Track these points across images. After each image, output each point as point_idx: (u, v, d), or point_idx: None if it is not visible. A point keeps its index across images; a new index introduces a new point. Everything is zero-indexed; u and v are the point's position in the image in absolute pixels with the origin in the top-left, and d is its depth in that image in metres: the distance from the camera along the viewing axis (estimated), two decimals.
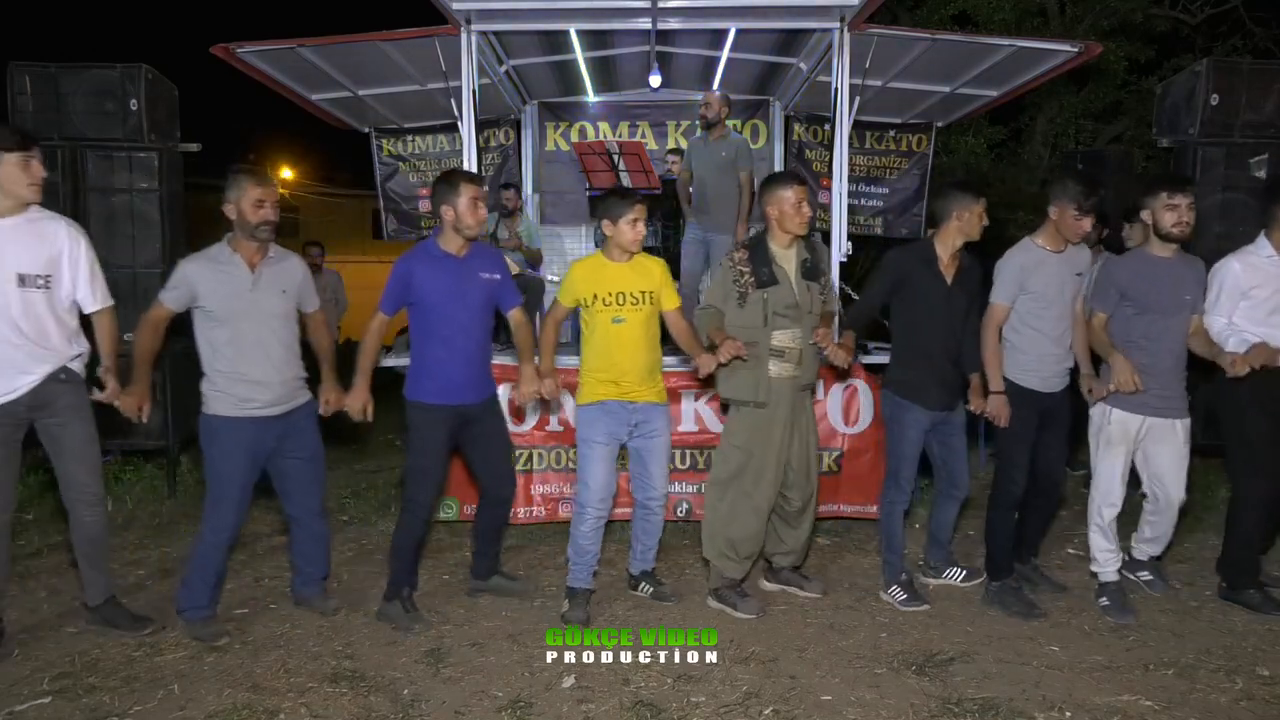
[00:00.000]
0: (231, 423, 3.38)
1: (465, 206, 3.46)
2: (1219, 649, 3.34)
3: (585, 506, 3.63)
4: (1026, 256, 3.66)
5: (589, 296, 3.59)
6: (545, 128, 7.86)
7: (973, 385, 3.72)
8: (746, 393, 3.60)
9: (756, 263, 3.57)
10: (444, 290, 3.49)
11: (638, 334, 3.61)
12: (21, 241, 3.17)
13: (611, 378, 3.60)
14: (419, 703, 2.95)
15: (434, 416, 3.54)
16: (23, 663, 3.25)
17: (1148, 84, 10.65)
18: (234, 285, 3.36)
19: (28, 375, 3.19)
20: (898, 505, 3.80)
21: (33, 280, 3.18)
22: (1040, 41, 5.71)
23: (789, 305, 3.56)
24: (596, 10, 5.19)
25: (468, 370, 3.57)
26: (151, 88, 5.43)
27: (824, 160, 7.32)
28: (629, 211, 3.55)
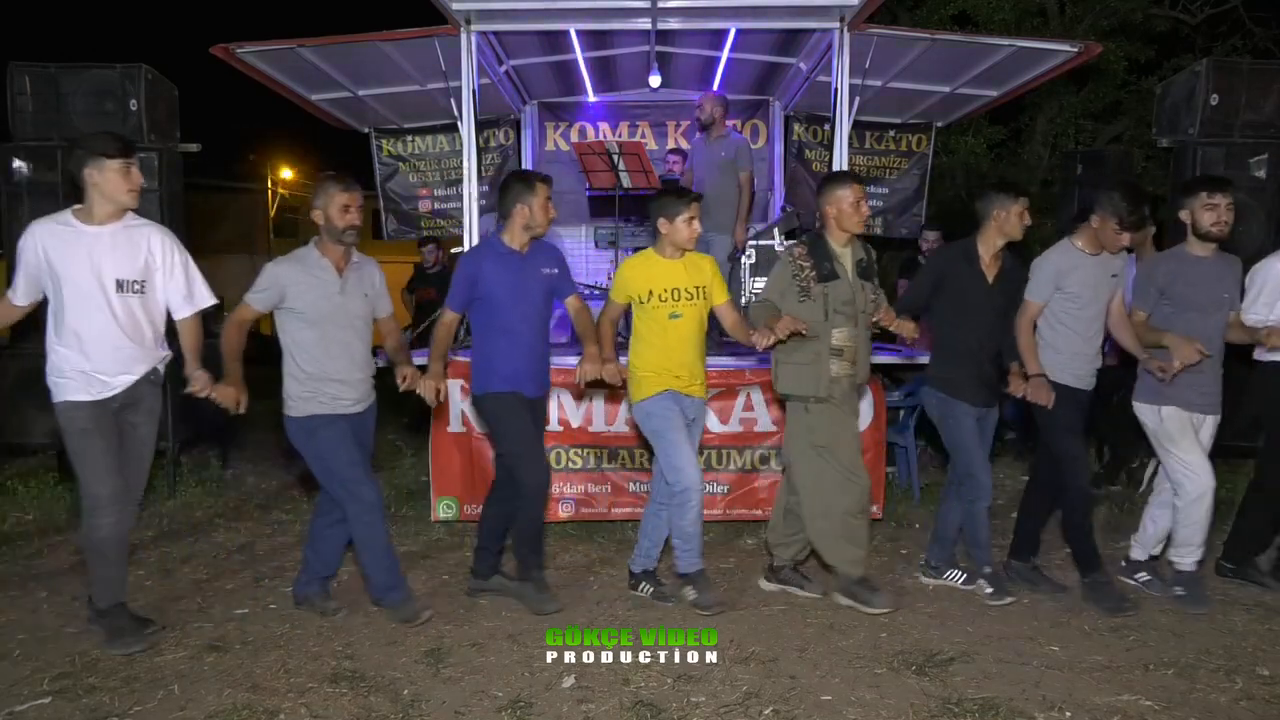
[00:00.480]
0: (326, 419, 3.47)
1: (539, 206, 3.59)
2: (1219, 649, 3.34)
3: (689, 491, 3.61)
4: (1063, 258, 3.72)
5: (644, 293, 3.65)
6: (545, 128, 7.86)
7: (1012, 372, 3.77)
8: (808, 388, 3.62)
9: (817, 258, 3.61)
10: (509, 286, 3.60)
11: (693, 329, 3.69)
12: (120, 249, 3.25)
13: (671, 371, 3.67)
14: (419, 703, 2.95)
15: (509, 402, 3.64)
16: (23, 663, 3.24)
17: (1148, 84, 10.65)
18: (323, 288, 3.45)
19: (127, 375, 3.29)
20: (979, 502, 3.77)
21: (129, 285, 3.26)
22: (1040, 41, 5.71)
23: (846, 302, 3.60)
24: (596, 10, 5.19)
25: (531, 363, 3.68)
26: (151, 88, 5.43)
27: (824, 160, 7.32)
28: (685, 210, 3.62)
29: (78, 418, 3.22)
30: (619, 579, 4.09)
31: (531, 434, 3.70)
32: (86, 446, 3.23)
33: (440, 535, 4.75)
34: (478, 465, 4.74)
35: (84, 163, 3.18)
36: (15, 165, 5.36)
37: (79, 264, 3.19)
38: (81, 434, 3.23)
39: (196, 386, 3.37)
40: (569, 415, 4.80)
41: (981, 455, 3.77)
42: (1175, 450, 3.73)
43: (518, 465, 3.66)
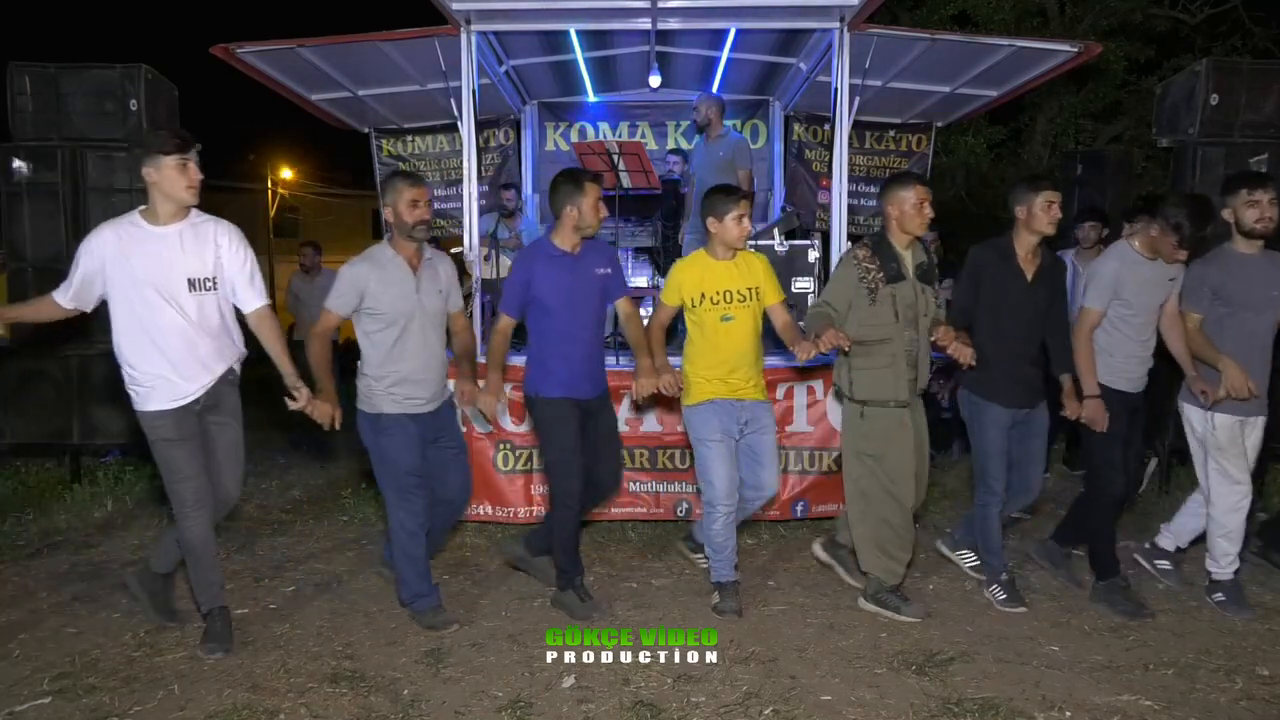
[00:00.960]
0: (396, 419, 3.46)
1: (589, 207, 3.55)
2: (1219, 649, 3.34)
3: (715, 505, 3.62)
4: (1121, 263, 3.65)
5: (696, 296, 3.61)
6: (545, 128, 7.86)
7: (1066, 389, 3.67)
8: (887, 392, 3.55)
9: (883, 259, 3.54)
10: (562, 288, 3.58)
11: (746, 331, 3.64)
12: (188, 247, 3.20)
13: (720, 376, 3.62)
14: (419, 703, 2.95)
15: (560, 410, 3.61)
16: (23, 663, 3.24)
17: (1148, 84, 10.66)
18: (400, 286, 3.43)
19: (206, 376, 3.25)
20: (990, 507, 3.74)
21: (201, 284, 3.21)
22: (1040, 41, 5.71)
23: (909, 304, 3.54)
24: (596, 10, 5.19)
25: (586, 365, 3.66)
26: (151, 88, 5.43)
27: (824, 160, 7.32)
28: (734, 208, 3.57)
29: (161, 427, 3.20)
30: (619, 578, 4.09)
31: (574, 442, 3.62)
32: (172, 454, 3.21)
33: None
34: (478, 466, 4.73)
35: (141, 162, 3.15)
36: (15, 165, 5.36)
37: (150, 266, 3.14)
38: (166, 443, 3.21)
39: (300, 402, 3.31)
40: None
41: (1000, 462, 3.70)
42: (1221, 459, 3.65)
43: (553, 472, 3.69)
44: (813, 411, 4.72)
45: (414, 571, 3.55)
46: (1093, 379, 3.64)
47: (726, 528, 3.67)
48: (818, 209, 7.13)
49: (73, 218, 5.37)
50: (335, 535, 4.82)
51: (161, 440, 3.20)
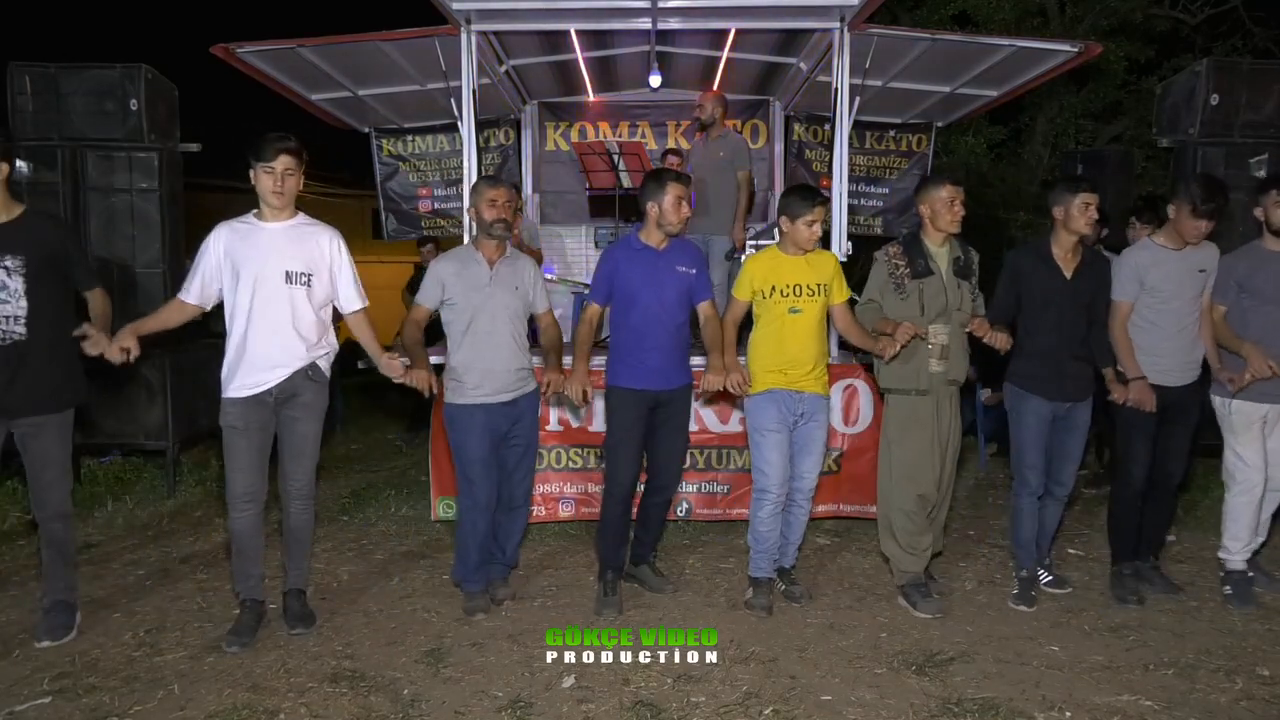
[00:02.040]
0: (466, 409, 3.64)
1: (670, 204, 3.67)
2: (1219, 649, 3.34)
3: (765, 492, 3.73)
4: (1143, 254, 3.78)
5: (767, 289, 3.73)
6: (545, 128, 7.85)
7: (1109, 379, 3.79)
8: (909, 381, 3.71)
9: (912, 255, 3.71)
10: (642, 281, 3.70)
11: (811, 324, 3.74)
12: (289, 244, 3.37)
13: (780, 367, 3.72)
14: (419, 703, 2.95)
15: (628, 400, 3.74)
16: (23, 663, 3.25)
17: (1148, 84, 10.63)
18: (474, 280, 3.65)
19: (282, 368, 3.37)
20: (1023, 498, 3.85)
21: (296, 278, 3.36)
22: (1040, 41, 5.70)
23: (940, 299, 3.67)
24: (596, 10, 5.19)
25: (662, 357, 3.74)
26: (151, 88, 5.43)
27: (824, 160, 7.32)
28: (808, 213, 3.67)
29: (230, 414, 3.37)
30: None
31: (633, 434, 3.76)
32: (233, 443, 3.38)
33: (440, 535, 4.75)
34: None
35: (248, 166, 3.33)
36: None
37: (252, 258, 3.33)
38: (231, 430, 3.37)
39: (394, 373, 3.51)
40: (569, 415, 4.80)
41: (1038, 455, 3.81)
42: (1234, 443, 3.82)
43: (609, 458, 3.83)
44: None
45: (467, 552, 3.75)
46: (1134, 363, 3.74)
47: (773, 518, 3.76)
48: None
49: (73, 218, 5.37)
50: (335, 536, 4.82)
51: (228, 427, 3.38)
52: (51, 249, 3.35)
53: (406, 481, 5.88)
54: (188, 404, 5.74)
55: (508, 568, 4.00)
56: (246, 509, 3.42)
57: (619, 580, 3.84)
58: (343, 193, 23.03)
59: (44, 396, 3.36)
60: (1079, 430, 3.84)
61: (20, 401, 3.31)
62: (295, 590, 3.60)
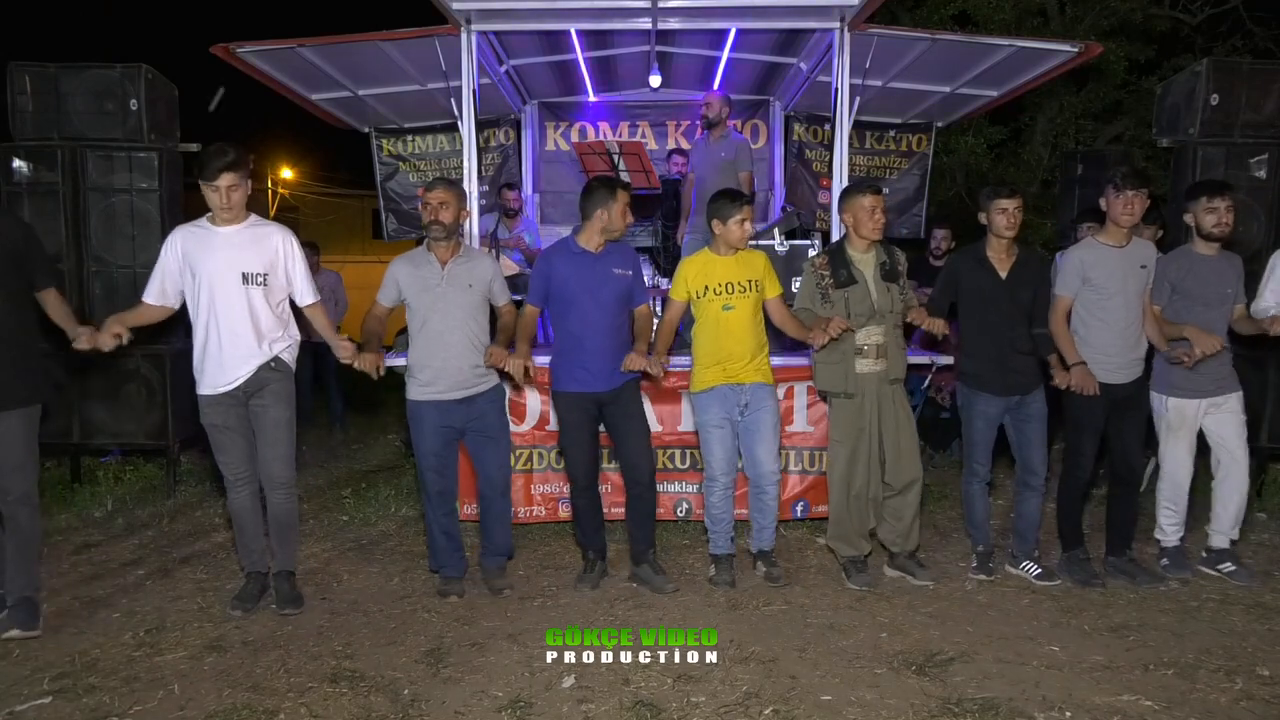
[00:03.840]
0: (420, 405, 3.80)
1: (619, 212, 3.83)
2: (1219, 649, 3.34)
3: (714, 480, 4.00)
4: (1087, 252, 3.94)
5: (700, 289, 3.91)
6: (545, 128, 7.86)
7: (1053, 364, 3.94)
8: (837, 384, 3.93)
9: (835, 266, 3.90)
10: (579, 285, 3.82)
11: (745, 319, 3.91)
12: (243, 246, 3.55)
13: (719, 361, 3.90)
14: (419, 703, 2.95)
15: (572, 403, 3.90)
16: (23, 663, 3.24)
17: (1148, 84, 10.62)
18: (425, 280, 3.76)
19: (246, 365, 3.56)
20: (973, 486, 4.10)
21: (254, 278, 3.54)
22: (1040, 42, 5.70)
23: (866, 305, 3.86)
24: (596, 10, 5.19)
25: (601, 360, 3.84)
26: (151, 88, 5.43)
27: (824, 160, 7.33)
28: (737, 213, 3.86)
29: (208, 413, 3.61)
30: (619, 578, 4.09)
31: (583, 434, 3.92)
32: (215, 438, 3.63)
33: None
34: None
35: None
36: (15, 165, 5.36)
37: (209, 261, 3.51)
38: (212, 427, 3.61)
39: (344, 354, 3.70)
40: None
41: (983, 450, 4.04)
42: (1169, 437, 4.03)
43: (565, 458, 4.06)
44: (813, 411, 4.72)
45: (431, 540, 3.97)
46: (1072, 350, 3.89)
47: (724, 501, 4.02)
48: (818, 209, 7.13)
49: (73, 218, 5.37)
50: (335, 535, 4.82)
51: (208, 424, 3.61)
52: (11, 247, 3.42)
53: (406, 481, 5.88)
54: (188, 404, 5.73)
55: (501, 557, 4.07)
56: (240, 490, 3.68)
57: (598, 561, 4.07)
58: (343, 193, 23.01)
59: (12, 391, 3.41)
60: (1036, 419, 3.98)
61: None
62: (284, 572, 3.78)
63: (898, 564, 4.10)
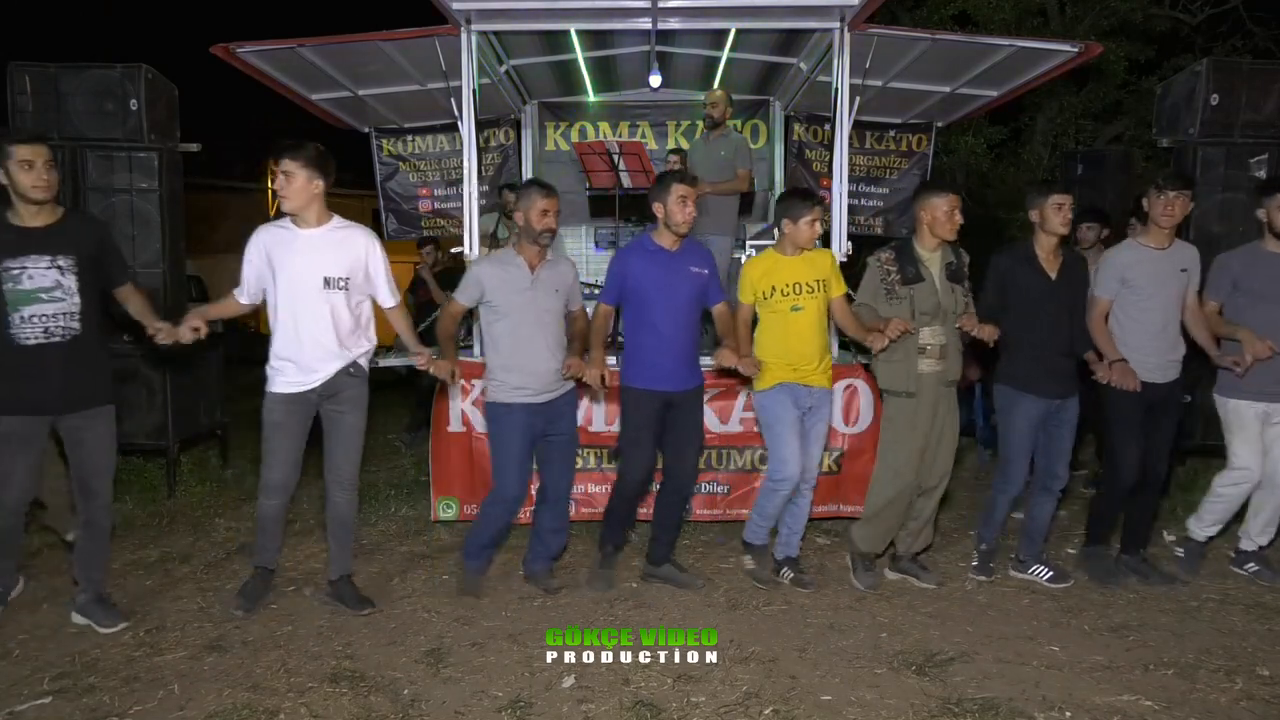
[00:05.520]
0: (506, 408, 3.75)
1: (674, 204, 3.75)
2: (1219, 649, 3.34)
3: (783, 481, 3.87)
4: (1127, 253, 3.92)
5: (767, 289, 3.87)
6: (545, 128, 7.85)
7: (1091, 360, 3.93)
8: (899, 383, 3.83)
9: (902, 262, 3.81)
10: (655, 283, 3.78)
11: (814, 320, 3.88)
12: (326, 249, 3.53)
13: (789, 363, 3.85)
14: (419, 703, 2.95)
15: (642, 400, 3.84)
16: (23, 663, 3.25)
17: (1148, 84, 10.64)
18: (515, 284, 3.73)
19: (325, 369, 3.53)
20: (1005, 494, 4.01)
21: (335, 282, 3.52)
22: (1040, 42, 5.70)
23: (932, 304, 3.77)
24: (596, 10, 5.18)
25: (675, 359, 3.83)
26: (151, 88, 5.43)
27: (824, 160, 7.32)
28: (808, 213, 3.83)
29: (274, 409, 3.55)
30: (619, 578, 4.09)
31: (648, 434, 3.85)
32: (272, 437, 3.57)
33: (440, 535, 4.75)
34: (478, 465, 4.73)
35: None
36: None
37: (292, 263, 3.49)
38: (273, 425, 3.55)
39: (421, 361, 3.67)
40: None
41: (1022, 456, 3.95)
42: (1232, 440, 3.99)
43: (624, 455, 3.92)
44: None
45: (481, 539, 3.92)
46: (1113, 348, 3.86)
47: (784, 501, 3.95)
48: None
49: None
50: None
51: (270, 421, 3.55)
52: (94, 247, 3.47)
53: (406, 481, 5.88)
54: (188, 404, 5.74)
55: (552, 559, 4.09)
56: (276, 498, 3.63)
57: (615, 556, 4.05)
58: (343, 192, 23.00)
59: (98, 389, 3.51)
60: (1069, 425, 3.96)
61: (79, 395, 3.43)
62: (345, 577, 3.78)
63: (901, 567, 4.09)
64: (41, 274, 3.32)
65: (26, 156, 3.24)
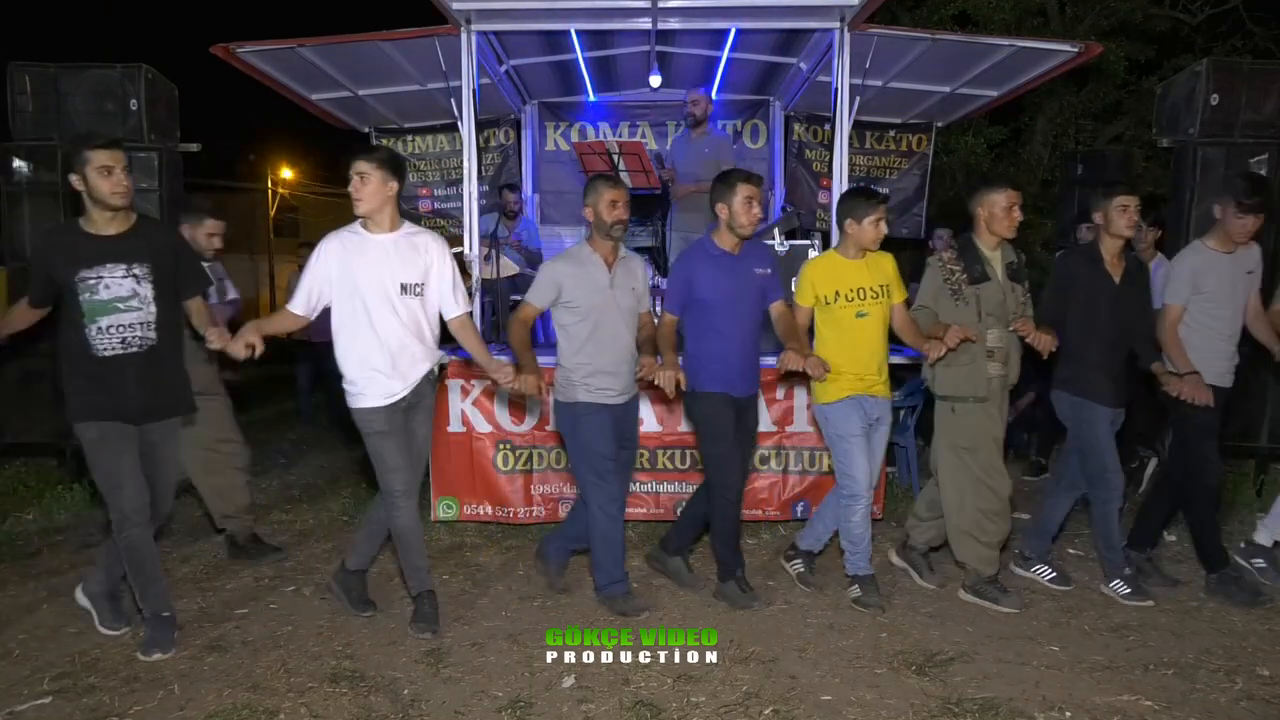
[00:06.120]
0: (590, 408, 3.66)
1: (740, 204, 3.64)
2: (1219, 649, 3.34)
3: (857, 497, 3.69)
4: (1198, 258, 3.83)
5: (830, 294, 3.69)
6: (545, 128, 7.85)
7: (1159, 373, 3.80)
8: (968, 389, 3.68)
9: (968, 260, 3.67)
10: (723, 286, 3.66)
11: (878, 327, 3.72)
12: (401, 255, 3.41)
13: (856, 372, 3.69)
14: (419, 703, 2.95)
15: (719, 402, 3.70)
16: (23, 663, 3.25)
17: (1148, 84, 10.64)
18: (594, 282, 3.64)
19: (411, 376, 3.45)
20: (1111, 505, 3.82)
21: (412, 289, 3.41)
22: (1040, 41, 5.70)
23: (998, 304, 3.65)
24: (596, 10, 5.19)
25: (743, 362, 3.74)
26: (151, 88, 5.42)
27: (824, 160, 7.32)
28: (873, 212, 3.65)
29: (374, 421, 3.41)
30: None
31: (731, 436, 3.73)
32: (383, 447, 3.42)
33: (440, 535, 4.74)
34: (478, 465, 4.74)
35: None
36: (15, 165, 5.36)
37: (367, 271, 3.36)
38: (380, 435, 3.42)
39: (505, 377, 3.52)
40: None
41: (1114, 457, 3.80)
42: None
43: (713, 465, 3.76)
44: (813, 412, 4.71)
45: (611, 556, 3.71)
46: (1185, 359, 3.76)
47: (865, 519, 3.74)
48: (818, 209, 7.13)
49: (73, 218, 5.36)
50: (335, 536, 4.81)
51: (374, 434, 3.42)
52: (169, 254, 3.40)
53: None
54: None
55: (571, 554, 4.04)
56: (408, 505, 3.47)
57: (742, 573, 3.83)
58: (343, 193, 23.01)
59: (178, 399, 3.47)
60: (1114, 433, 3.87)
61: (159, 405, 3.38)
62: (428, 592, 3.59)
63: (909, 557, 4.03)
64: (118, 283, 3.23)
65: (105, 162, 3.15)
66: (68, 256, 3.22)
